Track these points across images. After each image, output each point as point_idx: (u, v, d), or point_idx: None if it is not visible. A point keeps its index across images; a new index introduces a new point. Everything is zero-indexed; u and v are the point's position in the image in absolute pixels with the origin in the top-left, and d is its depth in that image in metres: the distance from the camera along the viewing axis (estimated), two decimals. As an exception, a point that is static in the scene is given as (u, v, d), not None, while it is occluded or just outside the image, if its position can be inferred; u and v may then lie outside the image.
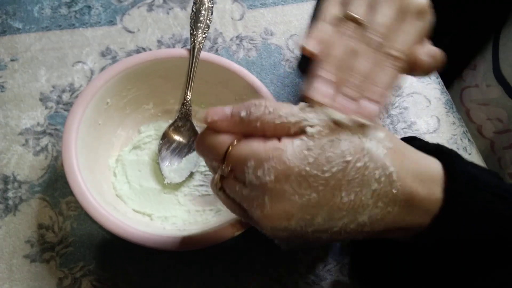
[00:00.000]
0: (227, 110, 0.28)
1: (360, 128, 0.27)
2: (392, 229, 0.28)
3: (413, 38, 0.31)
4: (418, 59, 0.31)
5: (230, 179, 0.28)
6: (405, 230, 0.28)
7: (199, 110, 0.46)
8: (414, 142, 0.32)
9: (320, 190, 0.25)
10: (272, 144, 0.26)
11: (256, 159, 0.26)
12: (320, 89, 0.29)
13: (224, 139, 0.27)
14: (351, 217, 0.26)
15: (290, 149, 0.26)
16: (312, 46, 0.30)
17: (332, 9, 0.32)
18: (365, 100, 0.29)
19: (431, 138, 0.50)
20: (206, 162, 0.31)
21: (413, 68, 0.31)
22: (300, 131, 0.26)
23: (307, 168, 0.25)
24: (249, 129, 0.27)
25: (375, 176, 0.26)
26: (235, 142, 0.27)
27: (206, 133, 0.28)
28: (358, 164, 0.26)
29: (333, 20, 0.32)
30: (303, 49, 0.30)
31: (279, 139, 0.26)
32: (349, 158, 0.26)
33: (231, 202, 0.29)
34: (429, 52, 0.32)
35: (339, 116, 0.27)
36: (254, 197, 0.26)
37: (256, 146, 0.26)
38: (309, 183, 0.25)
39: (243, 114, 0.27)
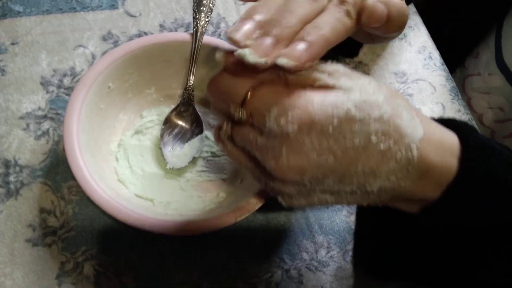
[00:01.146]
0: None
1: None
2: (399, 200, 0.28)
3: None
4: (363, 6, 0.28)
5: (245, 126, 0.27)
6: (412, 201, 0.28)
7: (202, 95, 0.45)
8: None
9: (338, 156, 0.25)
10: (298, 92, 0.25)
11: (280, 106, 0.25)
12: (243, 29, 0.26)
13: (244, 82, 0.26)
14: (360, 185, 0.26)
15: (318, 103, 0.24)
16: (244, 32, 0.26)
17: None
18: (296, 41, 0.25)
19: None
20: (215, 107, 0.29)
21: (358, 19, 0.28)
22: (325, 86, 0.26)
23: (330, 129, 0.24)
24: (272, 77, 0.26)
25: (396, 157, 0.25)
26: (256, 87, 0.26)
27: (223, 74, 0.27)
28: (381, 146, 0.25)
29: None
30: (234, 38, 0.27)
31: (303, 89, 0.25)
32: (373, 139, 0.25)
33: (239, 152, 0.28)
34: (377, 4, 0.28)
35: (252, 58, 0.24)
36: (270, 146, 0.25)
37: (280, 93, 0.25)
38: (329, 144, 0.25)
39: None
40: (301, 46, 0.25)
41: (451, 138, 0.28)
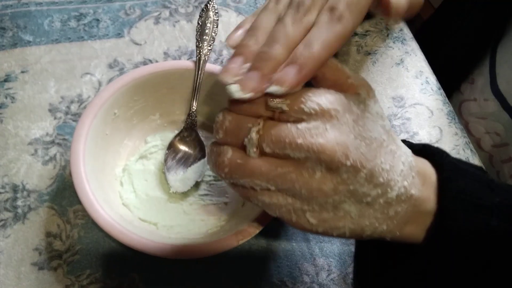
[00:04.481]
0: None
1: None
2: (412, 219, 0.29)
3: None
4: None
5: (280, 123, 0.27)
6: (421, 218, 0.29)
7: (205, 120, 0.47)
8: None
9: (367, 143, 0.27)
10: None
11: (316, 91, 0.27)
12: (231, 68, 0.28)
13: None
14: (384, 189, 0.27)
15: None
16: (234, 39, 0.30)
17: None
18: (287, 65, 0.27)
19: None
20: (233, 126, 0.29)
21: (382, 7, 0.31)
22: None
23: (359, 120, 0.27)
24: None
25: (401, 160, 0.28)
26: None
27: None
28: (390, 147, 0.28)
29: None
30: (228, 44, 0.30)
31: None
32: (385, 138, 0.28)
33: (270, 161, 0.27)
34: None
35: (237, 94, 0.27)
36: (312, 127, 0.26)
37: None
38: (359, 131, 0.27)
39: None
40: (291, 70, 0.27)
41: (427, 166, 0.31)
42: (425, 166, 0.31)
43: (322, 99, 0.27)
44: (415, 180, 0.29)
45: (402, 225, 0.29)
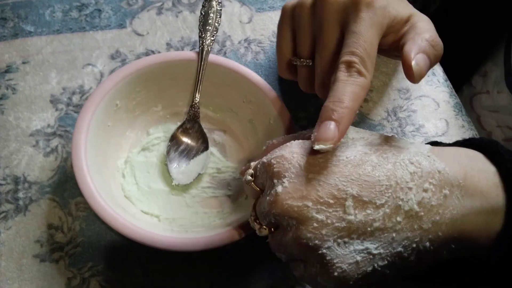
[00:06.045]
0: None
1: None
2: (466, 230, 0.26)
3: (371, 34, 0.31)
4: (405, 60, 0.30)
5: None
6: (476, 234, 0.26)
7: (208, 112, 0.46)
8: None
9: (335, 171, 0.26)
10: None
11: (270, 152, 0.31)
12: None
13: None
14: (391, 205, 0.24)
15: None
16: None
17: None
18: (325, 121, 0.27)
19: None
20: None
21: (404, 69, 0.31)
22: None
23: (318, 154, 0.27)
24: None
25: (410, 161, 0.26)
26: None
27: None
28: (383, 155, 0.27)
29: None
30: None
31: None
32: (367, 151, 0.28)
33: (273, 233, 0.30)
34: (418, 58, 0.31)
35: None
36: (268, 187, 0.28)
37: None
38: (321, 164, 0.26)
39: None
40: (331, 127, 0.27)
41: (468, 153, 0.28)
42: (466, 159, 0.27)
43: (267, 156, 0.28)
44: (448, 177, 0.25)
45: (454, 234, 0.25)
